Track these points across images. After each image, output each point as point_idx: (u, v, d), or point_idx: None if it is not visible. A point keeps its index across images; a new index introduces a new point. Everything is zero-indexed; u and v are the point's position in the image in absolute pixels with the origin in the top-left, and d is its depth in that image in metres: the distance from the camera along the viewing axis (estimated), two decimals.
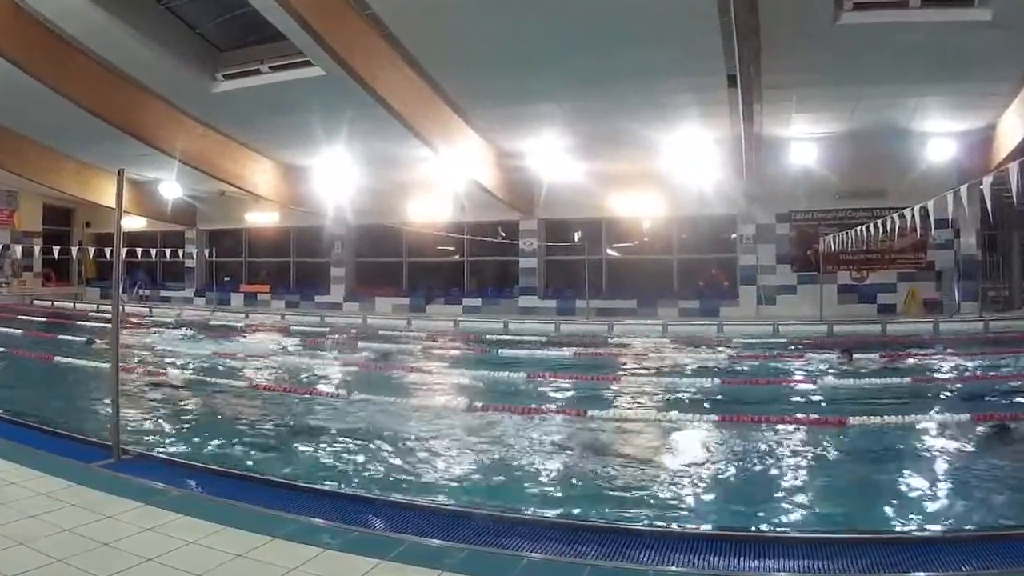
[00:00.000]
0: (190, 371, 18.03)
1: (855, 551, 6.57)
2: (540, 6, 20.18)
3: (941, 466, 10.11)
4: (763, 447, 10.84)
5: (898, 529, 7.83)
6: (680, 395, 15.22)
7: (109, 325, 10.69)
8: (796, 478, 9.63)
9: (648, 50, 21.39)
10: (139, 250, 38.17)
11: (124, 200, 9.85)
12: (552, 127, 27.60)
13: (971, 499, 8.73)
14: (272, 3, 18.58)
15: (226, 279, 43.37)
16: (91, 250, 42.58)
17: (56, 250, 36.41)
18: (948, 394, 15.31)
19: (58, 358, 19.72)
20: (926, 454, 10.63)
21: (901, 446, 10.86)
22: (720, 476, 9.83)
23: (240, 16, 23.49)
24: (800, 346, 23.32)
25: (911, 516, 8.23)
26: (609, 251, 36.12)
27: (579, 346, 23.47)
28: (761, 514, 8.34)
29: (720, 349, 22.91)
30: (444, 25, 21.39)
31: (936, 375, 17.82)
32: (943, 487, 9.31)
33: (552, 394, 15.81)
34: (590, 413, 12.74)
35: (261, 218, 41.44)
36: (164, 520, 7.01)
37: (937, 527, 7.87)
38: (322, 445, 11.31)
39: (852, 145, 27.85)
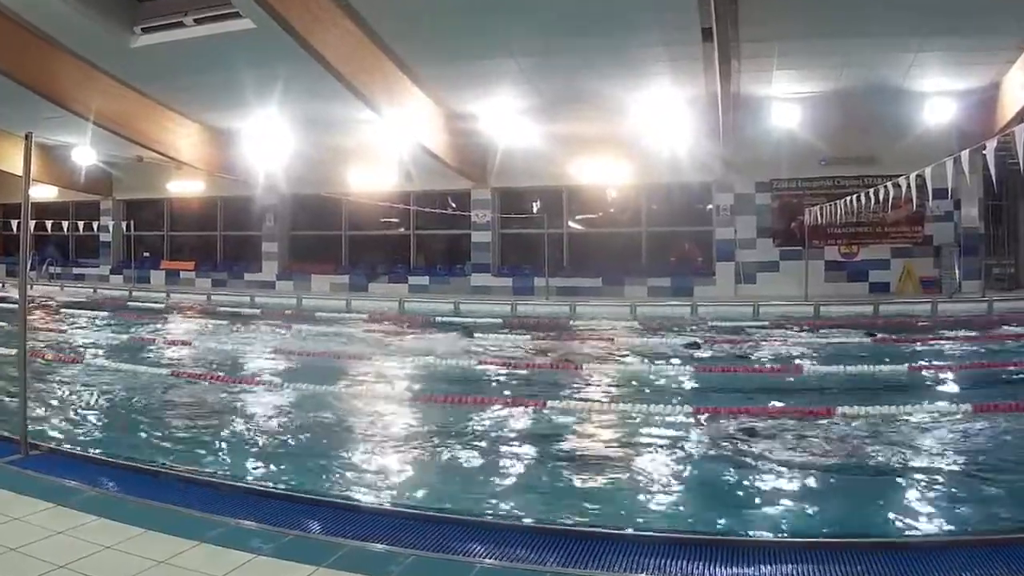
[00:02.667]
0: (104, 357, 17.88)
1: (842, 557, 6.56)
2: None
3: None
4: (744, 442, 10.76)
5: (890, 534, 7.78)
6: (651, 384, 15.15)
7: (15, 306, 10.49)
8: (781, 478, 9.46)
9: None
10: (49, 223, 37.94)
11: (32, 167, 9.69)
12: (508, 86, 27.57)
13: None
14: None
15: (145, 255, 43.08)
16: None
17: None
18: None
19: None
20: None
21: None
22: (695, 474, 9.79)
23: None
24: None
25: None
26: (571, 224, 36.05)
27: (537, 329, 23.59)
28: (737, 516, 8.31)
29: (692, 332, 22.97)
30: None
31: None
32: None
33: (507, 383, 15.84)
34: (550, 404, 12.72)
35: (184, 187, 41.06)
36: (78, 522, 6.89)
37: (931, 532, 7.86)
38: (252, 440, 11.27)
39: (840, 106, 27.92)
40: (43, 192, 41.96)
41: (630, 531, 7.65)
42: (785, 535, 7.68)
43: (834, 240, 31.00)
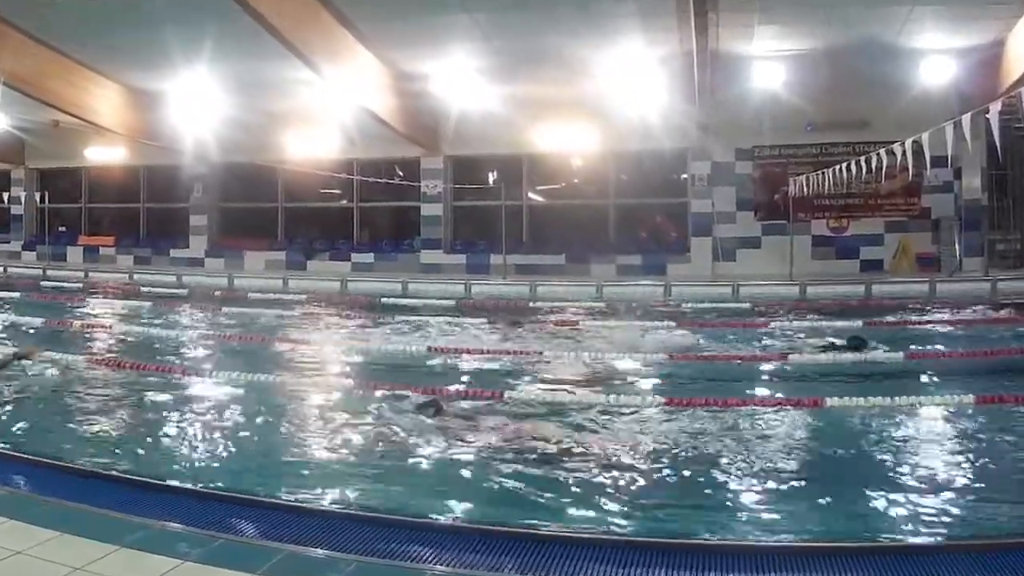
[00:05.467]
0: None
1: (831, 562, 6.54)
2: None
3: None
4: (720, 436, 10.80)
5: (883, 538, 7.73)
6: (618, 373, 15.16)
7: None
8: (761, 475, 9.45)
9: None
10: None
11: None
12: (463, 43, 27.43)
13: None
14: None
15: (61, 229, 42.78)
16: None
17: None
18: None
19: None
20: None
21: None
22: (669, 471, 9.75)
23: None
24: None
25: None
26: (531, 195, 35.98)
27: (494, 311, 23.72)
28: (716, 518, 8.24)
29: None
30: None
31: None
32: None
33: (461, 371, 15.83)
34: (507, 395, 12.70)
35: (104, 155, 40.59)
36: None
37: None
38: (179, 434, 11.15)
39: (829, 65, 27.63)
40: None
41: (593, 535, 7.57)
42: (767, 538, 7.65)
43: (822, 213, 31.08)
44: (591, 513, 8.29)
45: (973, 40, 25.93)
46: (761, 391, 14.28)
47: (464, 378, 15.32)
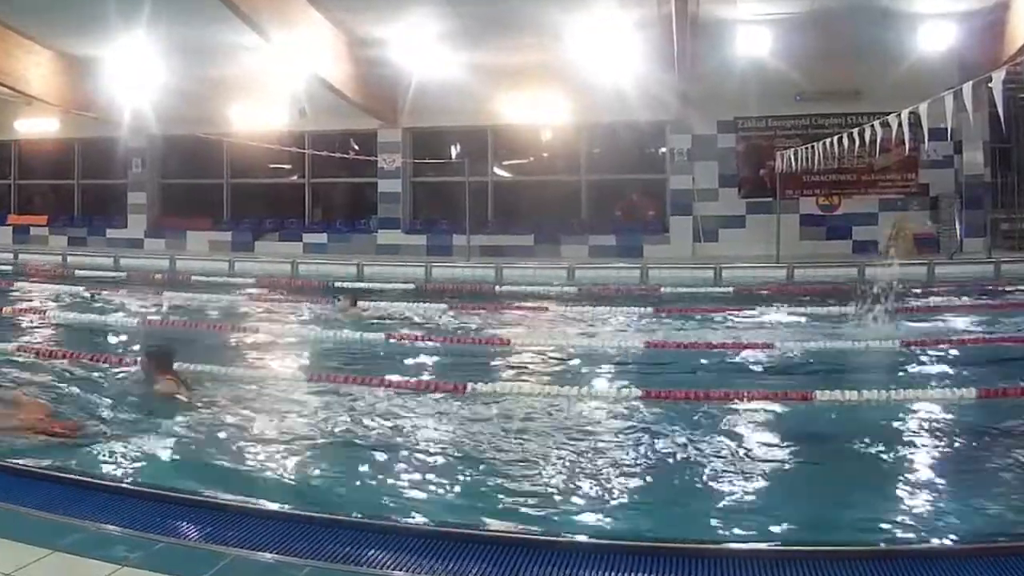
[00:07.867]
0: None
1: (821, 566, 6.41)
2: None
3: None
4: (701, 431, 10.84)
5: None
6: (590, 365, 15.28)
7: None
8: (750, 474, 9.48)
9: None
10: None
11: None
12: (422, 6, 27.26)
13: None
14: None
15: None
16: None
17: None
18: None
19: None
20: None
21: None
22: (648, 468, 9.78)
23: None
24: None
25: None
26: (497, 171, 35.91)
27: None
28: (702, 519, 8.29)
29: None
30: None
31: None
32: None
33: (422, 362, 16.00)
34: (471, 387, 12.73)
35: (36, 127, 40.15)
36: None
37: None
38: (117, 429, 10.95)
39: (819, 30, 27.56)
40: None
41: (564, 538, 7.59)
42: (752, 540, 7.73)
43: (811, 190, 31.21)
44: (561, 515, 8.28)
45: (974, 3, 25.96)
46: None
47: (426, 369, 15.37)
